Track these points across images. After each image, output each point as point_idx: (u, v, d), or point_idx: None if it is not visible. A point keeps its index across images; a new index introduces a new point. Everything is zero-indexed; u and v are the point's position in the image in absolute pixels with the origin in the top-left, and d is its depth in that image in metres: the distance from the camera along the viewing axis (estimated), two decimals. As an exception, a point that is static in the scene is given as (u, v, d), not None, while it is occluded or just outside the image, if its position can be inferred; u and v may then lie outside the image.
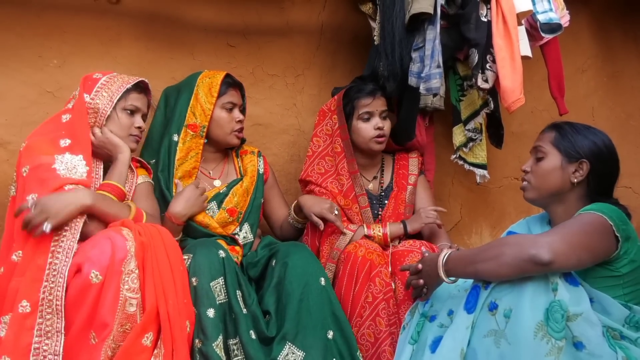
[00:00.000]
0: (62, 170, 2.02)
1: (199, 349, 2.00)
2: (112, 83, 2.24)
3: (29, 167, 2.02)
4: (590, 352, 1.63)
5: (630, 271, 1.83)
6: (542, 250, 1.66)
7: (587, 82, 3.60)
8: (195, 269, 2.07)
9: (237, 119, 2.52)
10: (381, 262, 2.36)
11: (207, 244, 2.18)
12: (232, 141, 2.54)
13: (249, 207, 2.53)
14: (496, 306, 1.70)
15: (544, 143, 2.03)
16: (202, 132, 2.46)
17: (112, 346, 1.81)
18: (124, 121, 2.25)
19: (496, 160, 3.28)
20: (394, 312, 2.31)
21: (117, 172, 2.20)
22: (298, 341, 2.11)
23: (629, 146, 3.58)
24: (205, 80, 2.49)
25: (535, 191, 2.03)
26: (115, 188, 2.15)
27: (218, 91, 2.46)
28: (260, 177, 2.61)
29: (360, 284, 2.32)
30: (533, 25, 2.69)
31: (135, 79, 2.29)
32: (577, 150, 1.96)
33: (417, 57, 2.63)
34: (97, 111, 2.20)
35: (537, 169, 2.02)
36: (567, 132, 2.00)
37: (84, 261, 1.84)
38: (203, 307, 2.02)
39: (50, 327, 1.82)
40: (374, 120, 2.64)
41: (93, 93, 2.21)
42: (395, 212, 2.69)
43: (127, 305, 1.84)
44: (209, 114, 2.45)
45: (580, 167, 1.96)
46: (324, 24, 3.17)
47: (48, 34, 2.71)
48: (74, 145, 2.11)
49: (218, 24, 2.99)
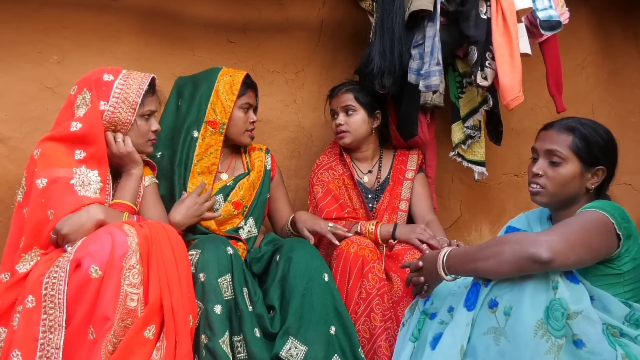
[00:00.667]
0: (79, 187, 2.05)
1: (205, 345, 2.00)
2: (129, 88, 2.17)
3: (47, 180, 2.02)
4: (590, 350, 1.64)
5: (631, 269, 1.83)
6: (542, 248, 1.65)
7: (587, 79, 3.61)
8: (203, 265, 2.07)
9: (251, 120, 2.55)
10: (374, 257, 2.37)
11: (215, 240, 2.18)
12: (246, 140, 2.57)
13: (254, 201, 2.55)
14: (496, 304, 1.70)
15: (561, 147, 1.94)
16: (222, 130, 2.47)
17: (112, 341, 1.80)
18: (143, 128, 2.23)
19: (496, 157, 3.29)
20: (389, 308, 2.32)
21: (130, 188, 2.20)
22: (301, 336, 2.12)
23: (629, 143, 3.58)
24: (226, 78, 2.49)
25: (550, 197, 1.97)
26: (128, 208, 2.16)
27: (239, 90, 2.47)
28: (267, 173, 2.63)
29: (353, 280, 2.33)
30: (533, 23, 2.69)
31: (147, 77, 2.23)
32: (596, 157, 1.93)
33: (416, 54, 2.64)
34: (117, 122, 2.16)
35: (555, 175, 1.95)
36: (585, 137, 1.93)
37: (83, 256, 1.84)
38: (210, 303, 2.03)
39: (54, 321, 1.82)
40: (337, 118, 2.74)
41: (111, 102, 2.14)
42: (390, 206, 2.72)
43: (128, 300, 1.84)
44: (229, 111, 2.46)
45: (597, 174, 1.94)
46: (323, 21, 3.17)
47: (47, 29, 2.71)
48: (89, 159, 2.10)
49: (218, 20, 2.99)
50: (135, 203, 2.22)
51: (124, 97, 2.16)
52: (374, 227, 2.55)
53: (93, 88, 2.15)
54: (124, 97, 2.16)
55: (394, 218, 2.71)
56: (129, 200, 2.18)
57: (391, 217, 2.71)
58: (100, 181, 2.10)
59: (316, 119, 3.17)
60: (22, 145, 2.63)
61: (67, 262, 1.85)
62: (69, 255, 1.87)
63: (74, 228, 1.96)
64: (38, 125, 2.64)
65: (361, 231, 2.55)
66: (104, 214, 2.02)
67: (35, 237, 2.00)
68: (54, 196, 2.01)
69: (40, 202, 2.01)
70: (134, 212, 2.17)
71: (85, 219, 1.98)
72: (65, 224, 1.96)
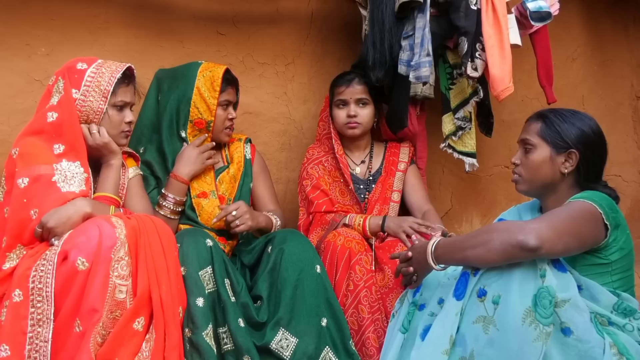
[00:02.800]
0: (62, 183, 2.02)
1: (189, 338, 1.99)
2: (100, 76, 2.14)
3: (28, 179, 2.00)
4: (578, 338, 1.65)
5: (619, 259, 1.84)
6: (530, 236, 1.67)
7: (577, 71, 3.62)
8: (183, 259, 2.06)
9: (230, 117, 2.52)
10: (361, 250, 2.37)
11: (194, 234, 2.17)
12: (225, 138, 2.56)
13: (237, 193, 2.54)
14: (485, 293, 1.71)
15: (530, 135, 2.02)
16: (210, 128, 2.46)
17: (101, 333, 1.80)
18: (114, 119, 2.19)
19: (486, 149, 3.29)
20: (377, 299, 2.33)
21: (111, 180, 2.18)
22: (292, 327, 2.12)
23: (619, 134, 3.60)
24: (206, 74, 2.45)
25: (527, 184, 2.04)
26: (112, 200, 2.14)
27: (220, 87, 2.44)
28: (247, 163, 2.61)
29: (340, 272, 2.33)
30: (523, 14, 2.69)
31: (122, 66, 2.21)
32: (565, 140, 1.96)
33: (406, 46, 2.64)
34: (88, 112, 2.14)
35: (526, 162, 2.02)
36: (553, 122, 1.99)
37: (70, 248, 1.83)
38: (192, 297, 2.02)
39: (42, 314, 1.82)
40: (347, 107, 2.70)
41: (82, 90, 2.13)
42: (382, 196, 2.72)
43: (116, 292, 1.83)
44: (214, 109, 2.44)
45: (570, 157, 1.96)
46: (314, 12, 3.16)
47: (35, 21, 2.69)
48: (69, 151, 2.08)
49: (207, 12, 2.98)
50: (118, 195, 2.20)
51: (95, 85, 2.14)
52: (362, 220, 2.55)
53: (66, 76, 2.14)
54: (95, 85, 2.14)
55: (386, 209, 2.71)
56: (112, 193, 2.17)
57: (382, 208, 2.71)
58: (84, 172, 2.08)
59: (307, 111, 3.16)
60: (11, 138, 2.60)
61: (55, 255, 1.85)
62: (56, 248, 1.87)
63: (60, 221, 1.94)
64: (26, 117, 2.61)
65: (349, 223, 2.56)
66: (91, 206, 2.01)
67: (18, 237, 1.98)
68: (37, 195, 1.99)
69: (22, 202, 1.99)
70: (118, 204, 2.16)
71: (72, 212, 1.97)
72: (52, 217, 1.94)
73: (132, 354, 1.83)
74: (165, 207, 2.37)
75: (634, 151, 3.72)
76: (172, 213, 2.38)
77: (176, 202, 2.38)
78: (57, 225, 1.94)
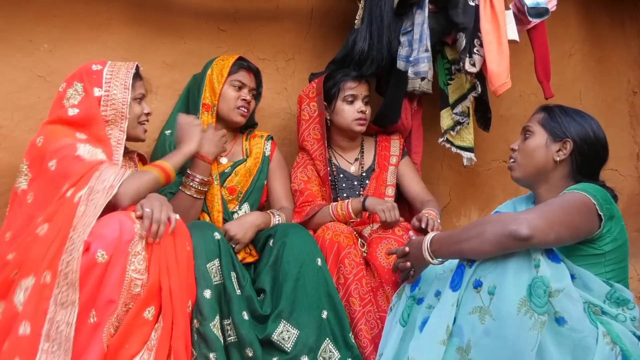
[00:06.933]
0: (87, 155, 2.04)
1: (197, 329, 2.03)
2: (118, 72, 2.23)
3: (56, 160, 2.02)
4: (572, 327, 1.68)
5: (612, 249, 1.87)
6: (521, 225, 1.69)
7: (574, 67, 3.64)
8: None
9: (242, 97, 2.57)
10: (349, 243, 2.37)
11: (202, 227, 2.20)
12: (236, 118, 2.58)
13: (250, 187, 2.59)
14: (480, 284, 1.74)
15: (532, 123, 2.08)
16: (213, 111, 2.55)
17: (115, 324, 1.85)
18: (136, 110, 2.27)
19: (484, 144, 3.32)
20: (367, 292, 2.33)
21: (176, 158, 2.28)
22: (293, 319, 2.15)
23: (616, 130, 3.63)
24: (219, 63, 2.59)
25: (520, 169, 2.08)
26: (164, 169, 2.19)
27: (228, 71, 2.55)
28: (265, 159, 2.67)
29: (330, 266, 2.33)
30: (521, 10, 2.71)
31: (132, 64, 2.29)
32: (562, 130, 2.01)
33: (405, 41, 2.66)
34: (116, 106, 2.19)
35: (523, 147, 2.08)
36: (556, 114, 2.05)
37: (92, 240, 1.86)
38: (200, 289, 2.05)
39: (66, 298, 1.82)
40: (358, 103, 2.70)
41: (105, 87, 2.19)
42: (377, 192, 2.74)
43: (132, 285, 1.87)
44: (218, 92, 2.54)
45: (564, 147, 2.00)
46: (314, 8, 3.18)
47: (38, 18, 2.70)
48: (90, 139, 2.12)
49: (209, 8, 2.99)
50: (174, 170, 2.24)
51: (115, 80, 2.21)
52: (345, 205, 2.55)
53: (84, 78, 2.20)
54: (116, 80, 2.21)
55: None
56: (170, 165, 2.23)
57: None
58: (106, 157, 2.10)
59: (307, 106, 3.19)
60: (14, 134, 2.64)
61: (81, 243, 1.86)
62: (84, 235, 1.87)
63: (160, 199, 2.02)
64: (29, 113, 2.65)
65: (333, 213, 2.55)
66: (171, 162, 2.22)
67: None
68: (67, 168, 2.01)
69: (56, 183, 2.00)
70: (168, 175, 2.20)
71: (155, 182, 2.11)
72: (155, 199, 2.01)
73: (142, 342, 1.88)
74: (192, 187, 2.40)
75: (630, 146, 3.76)
76: (198, 193, 2.42)
77: (202, 182, 2.41)
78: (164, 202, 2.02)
